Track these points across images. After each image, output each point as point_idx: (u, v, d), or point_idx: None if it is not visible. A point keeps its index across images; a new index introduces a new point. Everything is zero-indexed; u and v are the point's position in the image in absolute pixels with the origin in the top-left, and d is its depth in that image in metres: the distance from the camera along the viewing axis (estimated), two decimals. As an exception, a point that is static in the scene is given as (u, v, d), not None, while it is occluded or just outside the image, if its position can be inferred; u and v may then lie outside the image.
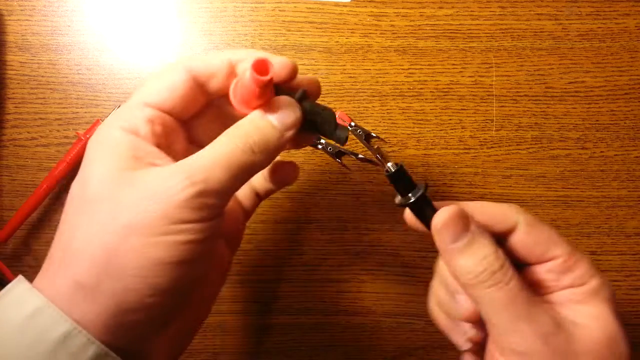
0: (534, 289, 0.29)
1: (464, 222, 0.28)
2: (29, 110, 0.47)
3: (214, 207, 0.25)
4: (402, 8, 0.48)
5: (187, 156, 0.26)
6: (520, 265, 0.30)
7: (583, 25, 0.48)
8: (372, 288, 0.48)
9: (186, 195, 0.24)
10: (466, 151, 0.48)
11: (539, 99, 0.48)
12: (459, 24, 0.48)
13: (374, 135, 0.47)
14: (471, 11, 0.48)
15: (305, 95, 0.29)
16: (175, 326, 0.29)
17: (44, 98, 0.47)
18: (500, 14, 0.48)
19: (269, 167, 0.35)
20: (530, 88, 0.48)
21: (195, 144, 0.30)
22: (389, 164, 0.30)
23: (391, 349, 0.48)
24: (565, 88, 0.48)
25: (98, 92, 0.47)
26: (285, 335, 0.48)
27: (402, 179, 0.30)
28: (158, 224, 0.23)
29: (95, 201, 0.24)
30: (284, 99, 0.28)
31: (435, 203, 0.30)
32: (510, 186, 0.48)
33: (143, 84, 0.28)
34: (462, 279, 0.28)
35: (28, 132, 0.47)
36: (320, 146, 0.47)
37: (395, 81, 0.48)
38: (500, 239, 0.29)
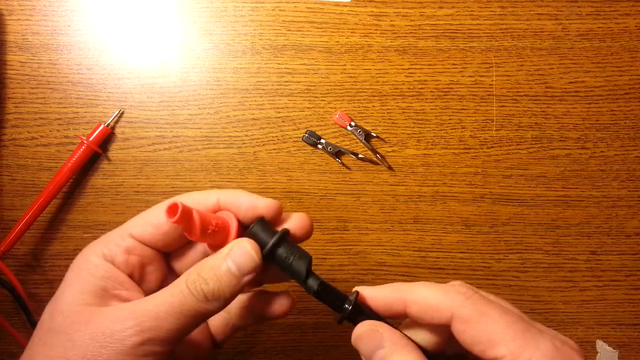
0: None
1: (377, 338, 0.27)
2: (29, 110, 0.47)
3: (160, 354, 0.25)
4: (402, 8, 0.48)
5: (163, 285, 0.27)
6: None
7: (583, 25, 0.48)
8: (372, 288, 0.48)
9: (133, 342, 0.24)
10: (466, 151, 0.48)
11: (539, 98, 0.48)
12: (459, 24, 0.48)
13: (374, 135, 0.47)
14: (471, 11, 0.48)
15: (283, 237, 0.28)
16: None
17: (44, 98, 0.47)
18: (501, 14, 0.48)
19: (247, 299, 0.33)
20: (530, 88, 0.48)
21: (175, 273, 0.31)
22: (310, 282, 0.28)
23: (391, 348, 0.48)
24: (565, 88, 0.48)
25: (98, 92, 0.47)
26: (285, 335, 0.48)
27: (328, 294, 0.29)
28: None
29: (55, 334, 0.26)
30: (244, 242, 0.28)
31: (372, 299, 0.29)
32: (510, 186, 0.48)
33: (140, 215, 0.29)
34: None
35: (28, 132, 0.47)
36: (320, 146, 0.47)
37: (396, 81, 0.48)
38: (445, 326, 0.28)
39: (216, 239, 0.28)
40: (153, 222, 0.29)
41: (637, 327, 0.48)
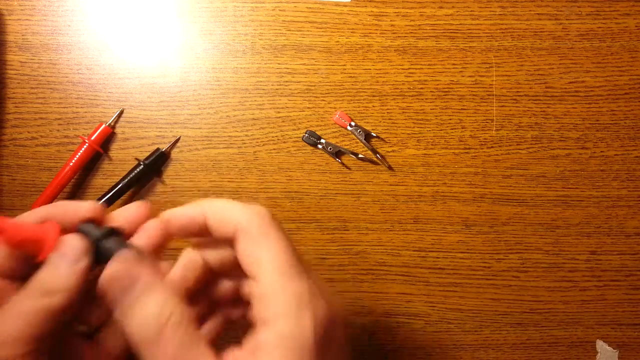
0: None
1: (129, 279, 0.27)
2: (29, 110, 0.47)
3: (18, 357, 0.25)
4: (402, 8, 0.48)
5: None
6: None
7: (583, 25, 0.48)
8: (372, 288, 0.48)
9: None
10: (466, 151, 0.48)
11: (539, 98, 0.48)
12: (459, 24, 0.48)
13: (374, 135, 0.47)
14: (471, 11, 0.48)
15: (105, 234, 0.29)
16: None
17: (44, 98, 0.47)
18: (501, 14, 0.48)
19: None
20: (530, 88, 0.48)
21: None
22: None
23: (391, 348, 0.48)
24: (565, 88, 0.48)
25: (98, 92, 0.47)
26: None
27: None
28: None
29: None
30: (64, 237, 0.28)
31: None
32: (510, 186, 0.48)
33: None
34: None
35: (28, 132, 0.47)
36: (320, 146, 0.47)
37: (396, 81, 0.48)
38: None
39: (40, 246, 0.28)
40: None
41: (637, 327, 0.48)
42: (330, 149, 0.47)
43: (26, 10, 0.47)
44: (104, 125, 0.46)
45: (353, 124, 0.47)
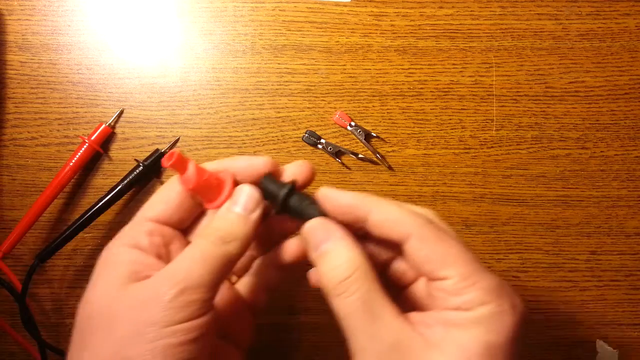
0: (424, 302, 0.28)
1: (326, 231, 0.28)
2: (29, 110, 0.47)
3: (199, 303, 0.26)
4: (402, 8, 0.48)
5: None
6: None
7: (583, 25, 0.48)
8: (372, 288, 0.48)
9: (170, 296, 0.25)
10: (466, 151, 0.48)
11: (539, 98, 0.48)
12: (459, 24, 0.48)
13: (374, 135, 0.47)
14: (471, 11, 0.48)
15: (293, 187, 0.30)
16: None
17: (44, 98, 0.47)
18: (501, 14, 0.48)
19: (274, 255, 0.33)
20: (530, 88, 0.48)
21: None
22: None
23: (391, 348, 0.48)
24: (565, 88, 0.48)
25: (98, 92, 0.47)
26: (285, 334, 0.48)
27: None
28: (150, 331, 0.25)
29: (96, 320, 0.26)
30: (242, 186, 0.29)
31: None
32: (510, 186, 0.48)
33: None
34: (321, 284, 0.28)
35: (28, 132, 0.47)
36: (320, 146, 0.47)
37: (396, 81, 0.48)
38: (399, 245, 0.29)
39: (214, 193, 0.29)
40: (163, 199, 0.30)
41: (637, 327, 0.48)
42: (330, 149, 0.47)
43: (26, 10, 0.47)
44: (104, 125, 0.46)
45: (353, 124, 0.47)
